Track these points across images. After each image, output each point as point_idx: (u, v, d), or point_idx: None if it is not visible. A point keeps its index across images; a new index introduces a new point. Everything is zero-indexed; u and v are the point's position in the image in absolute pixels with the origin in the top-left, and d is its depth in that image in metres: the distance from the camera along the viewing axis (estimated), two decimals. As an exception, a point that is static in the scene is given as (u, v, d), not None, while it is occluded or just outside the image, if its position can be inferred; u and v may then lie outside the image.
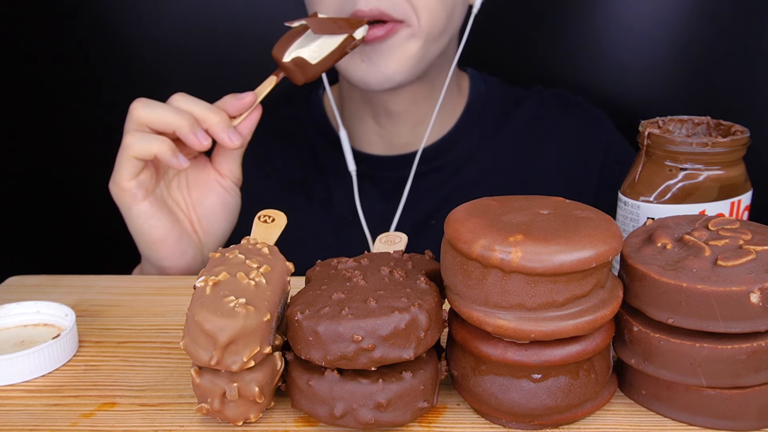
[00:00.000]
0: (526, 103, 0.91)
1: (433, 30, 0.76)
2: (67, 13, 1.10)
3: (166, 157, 0.63)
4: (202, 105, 0.65)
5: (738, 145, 0.54)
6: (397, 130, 0.86)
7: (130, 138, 0.63)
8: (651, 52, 1.01)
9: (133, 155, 0.63)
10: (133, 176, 0.64)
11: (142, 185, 0.65)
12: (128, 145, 0.63)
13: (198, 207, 0.70)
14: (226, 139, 0.65)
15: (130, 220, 0.67)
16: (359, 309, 0.42)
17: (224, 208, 0.71)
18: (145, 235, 0.67)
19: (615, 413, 0.46)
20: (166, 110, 0.64)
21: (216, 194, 0.70)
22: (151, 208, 0.66)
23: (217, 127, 0.65)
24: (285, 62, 0.68)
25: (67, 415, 0.46)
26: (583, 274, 0.41)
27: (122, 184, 0.64)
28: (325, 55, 0.69)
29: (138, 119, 0.64)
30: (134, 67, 1.12)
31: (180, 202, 0.70)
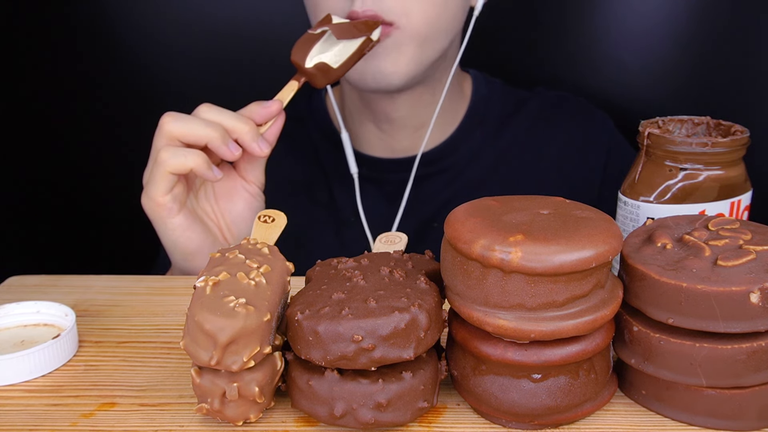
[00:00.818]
0: (528, 105, 0.91)
1: (427, 33, 0.75)
2: (67, 13, 1.10)
3: (202, 171, 0.64)
4: (230, 115, 0.65)
5: (738, 145, 0.54)
6: (398, 134, 0.86)
7: (164, 153, 0.63)
8: (651, 52, 1.01)
9: (169, 170, 0.63)
10: (168, 191, 0.64)
11: (176, 199, 0.65)
12: (164, 161, 0.63)
13: (227, 215, 0.71)
14: (257, 147, 0.66)
15: (165, 234, 0.67)
16: (359, 309, 0.42)
17: (252, 213, 0.71)
18: (180, 247, 0.67)
19: (615, 413, 0.46)
20: (196, 123, 0.64)
21: (243, 201, 0.71)
22: (186, 221, 0.66)
23: (247, 136, 0.65)
24: (307, 68, 0.69)
25: (67, 415, 0.46)
26: (583, 274, 0.41)
27: (158, 200, 0.64)
28: (345, 58, 0.70)
29: (170, 133, 0.64)
30: (134, 68, 1.12)
31: (209, 211, 0.70)
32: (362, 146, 0.88)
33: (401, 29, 0.74)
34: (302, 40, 0.69)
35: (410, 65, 0.76)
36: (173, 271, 0.73)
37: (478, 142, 0.88)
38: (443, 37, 0.78)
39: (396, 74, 0.76)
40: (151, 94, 1.12)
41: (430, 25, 0.75)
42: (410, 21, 0.74)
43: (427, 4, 0.74)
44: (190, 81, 1.11)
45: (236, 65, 1.10)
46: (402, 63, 0.76)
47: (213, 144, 0.64)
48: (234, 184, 0.71)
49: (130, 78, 1.12)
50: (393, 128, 0.86)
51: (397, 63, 0.75)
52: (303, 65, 0.69)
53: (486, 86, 0.90)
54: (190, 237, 0.67)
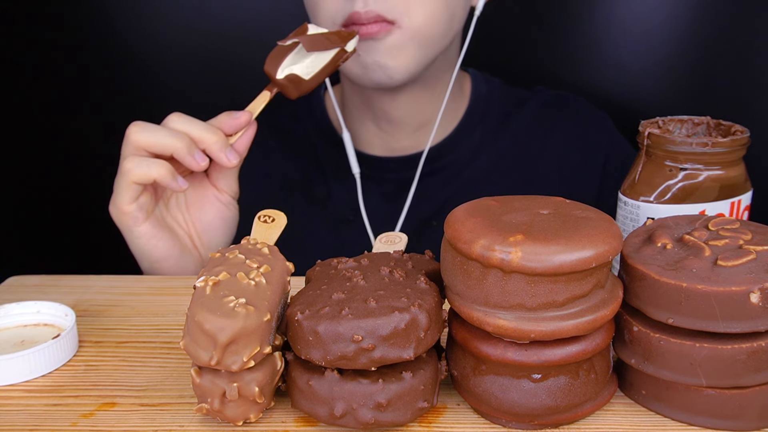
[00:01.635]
0: (528, 104, 0.91)
1: (429, 33, 0.76)
2: (66, 13, 1.10)
3: (166, 181, 0.64)
4: (198, 125, 0.65)
5: (738, 145, 0.54)
6: (399, 133, 0.86)
7: (128, 163, 0.63)
8: (651, 52, 1.01)
9: (133, 180, 0.63)
10: (133, 200, 0.65)
11: (142, 208, 0.65)
12: (127, 171, 0.63)
13: (197, 223, 0.71)
14: (224, 158, 0.66)
15: (132, 242, 0.67)
16: (359, 309, 0.42)
17: (223, 223, 0.72)
18: (146, 254, 0.68)
19: (615, 413, 0.46)
20: (163, 133, 0.64)
21: (214, 209, 0.71)
22: (152, 229, 0.67)
23: (214, 146, 0.65)
24: (278, 79, 0.68)
25: (67, 415, 0.46)
26: (583, 274, 0.41)
27: (123, 208, 0.65)
28: (318, 69, 0.70)
29: (135, 143, 0.64)
30: (134, 70, 1.12)
31: (179, 219, 0.71)
32: (362, 145, 0.88)
33: (402, 28, 0.74)
34: (275, 51, 0.69)
35: (411, 62, 0.76)
36: None
37: (478, 141, 0.88)
38: (444, 36, 0.78)
39: (397, 69, 0.76)
40: (152, 95, 1.12)
41: (431, 24, 0.75)
42: (412, 20, 0.74)
43: (428, 4, 0.74)
44: (190, 81, 1.11)
45: (236, 65, 1.10)
46: (403, 60, 0.76)
47: (178, 154, 0.64)
48: (205, 193, 0.71)
49: (130, 78, 1.12)
50: (393, 127, 0.86)
51: (398, 59, 0.76)
52: (274, 76, 0.69)
53: (485, 85, 0.90)
54: (156, 245, 0.67)
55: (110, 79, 1.13)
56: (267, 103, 0.69)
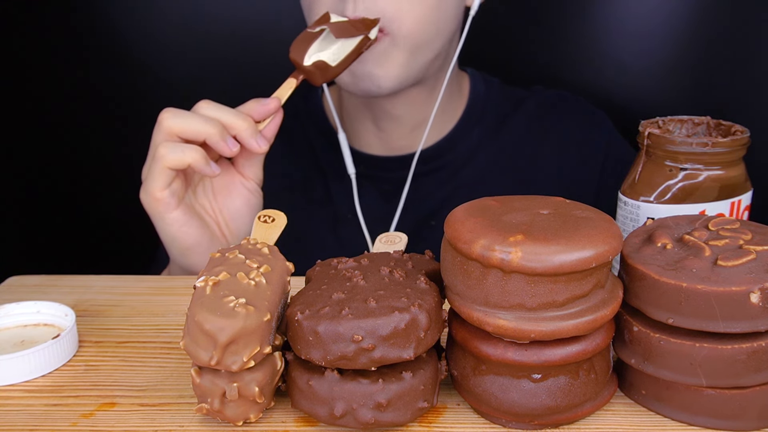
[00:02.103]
0: (526, 104, 0.91)
1: (419, 39, 0.75)
2: (67, 14, 1.10)
3: (200, 166, 0.64)
4: (229, 112, 0.66)
5: (738, 145, 0.54)
6: (396, 132, 0.86)
7: (163, 149, 0.63)
8: (651, 52, 1.01)
9: (167, 165, 0.63)
10: (166, 186, 0.64)
11: (174, 194, 0.65)
12: (162, 156, 0.63)
13: (225, 211, 0.71)
14: (255, 144, 0.66)
15: (164, 229, 0.67)
16: (359, 309, 0.42)
17: (250, 210, 0.71)
18: (178, 241, 0.67)
19: (615, 413, 0.46)
20: (195, 119, 0.64)
21: (241, 197, 0.71)
22: (184, 216, 0.66)
23: (245, 133, 0.65)
24: (305, 66, 0.69)
25: (67, 415, 0.46)
26: (583, 274, 0.41)
27: (156, 194, 0.65)
28: (344, 56, 0.70)
29: (169, 129, 0.64)
30: (134, 68, 1.12)
31: (207, 207, 0.71)
32: (360, 144, 0.88)
33: (391, 35, 0.74)
34: (300, 38, 0.70)
35: (400, 70, 0.76)
36: (171, 267, 0.74)
37: (476, 140, 0.88)
38: (437, 40, 0.78)
39: (386, 78, 0.76)
40: (152, 94, 1.12)
41: (422, 30, 0.75)
42: (401, 27, 0.74)
43: (419, 8, 0.74)
44: (190, 80, 1.11)
45: (236, 64, 1.10)
46: (392, 68, 0.76)
47: (211, 140, 0.64)
48: (232, 180, 0.71)
49: (130, 78, 1.12)
50: (391, 127, 0.86)
51: (387, 68, 0.75)
52: (301, 63, 0.69)
53: (484, 85, 0.90)
54: (187, 232, 0.67)
55: (111, 79, 1.13)
56: (294, 89, 0.70)
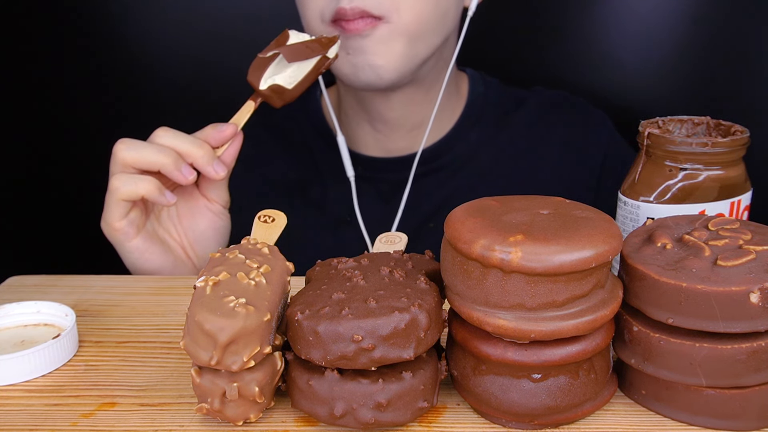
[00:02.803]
0: (526, 104, 0.91)
1: (417, 28, 0.75)
2: (68, 14, 1.10)
3: (154, 197, 0.65)
4: (185, 139, 0.66)
5: (738, 145, 0.54)
6: (394, 134, 0.86)
7: (116, 181, 0.64)
8: (651, 52, 1.01)
9: (121, 197, 0.65)
10: (123, 216, 0.66)
11: (132, 223, 0.67)
12: (116, 189, 0.64)
13: (190, 233, 0.72)
14: (212, 171, 0.66)
15: (125, 256, 0.69)
16: (359, 309, 0.42)
17: (215, 232, 0.72)
18: (140, 268, 0.69)
19: (615, 413, 0.46)
20: (149, 150, 0.65)
21: (206, 219, 0.72)
22: (144, 243, 0.68)
23: (201, 160, 0.66)
24: (262, 90, 0.69)
25: (67, 415, 0.46)
26: (583, 274, 0.41)
27: (113, 225, 0.66)
28: (300, 78, 0.70)
29: (123, 161, 0.65)
30: (135, 69, 1.12)
31: (171, 231, 0.71)
32: (358, 146, 0.88)
33: (390, 23, 0.74)
34: (255, 62, 0.70)
35: (399, 60, 0.76)
36: None
37: (475, 141, 0.88)
38: (434, 35, 0.78)
39: (386, 68, 0.75)
40: (152, 94, 1.12)
41: (419, 21, 0.75)
42: (400, 16, 0.74)
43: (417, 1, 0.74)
44: (191, 81, 1.11)
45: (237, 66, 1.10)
46: (392, 57, 0.75)
47: (165, 170, 0.65)
48: (196, 204, 0.71)
49: (131, 78, 1.12)
50: (388, 128, 0.86)
51: (387, 57, 0.75)
52: (257, 87, 0.69)
53: (483, 85, 0.90)
54: (148, 259, 0.68)
55: (111, 79, 1.13)
56: (252, 113, 0.70)
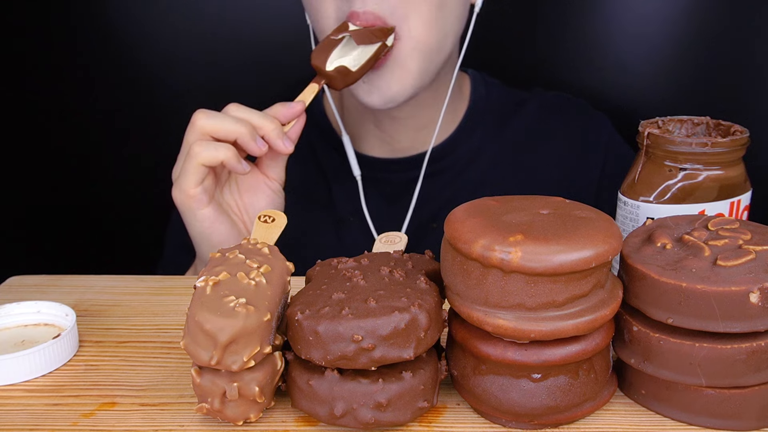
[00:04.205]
0: (527, 106, 0.91)
1: (430, 43, 0.75)
2: (68, 14, 1.10)
3: (232, 163, 0.66)
4: (257, 114, 0.68)
5: (737, 145, 0.54)
6: (399, 134, 0.86)
7: (197, 147, 0.65)
8: (651, 52, 1.01)
9: (201, 162, 0.65)
10: (199, 183, 0.66)
11: (206, 191, 0.67)
12: (197, 153, 0.65)
13: (250, 209, 0.73)
14: (281, 145, 0.68)
15: (195, 226, 0.69)
16: (359, 309, 0.42)
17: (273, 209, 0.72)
18: (208, 238, 0.69)
19: (615, 413, 0.46)
20: (227, 119, 0.66)
21: (265, 196, 0.73)
22: (214, 213, 0.68)
23: (272, 134, 0.68)
24: (328, 71, 0.71)
25: (67, 415, 0.46)
26: (583, 274, 0.41)
27: (189, 191, 0.66)
28: (363, 62, 0.72)
29: (202, 128, 0.66)
30: (137, 71, 1.12)
31: (233, 205, 0.72)
32: (362, 147, 0.88)
33: (401, 40, 0.73)
34: (322, 45, 0.72)
35: (415, 80, 0.76)
36: (198, 264, 0.76)
37: (478, 142, 0.88)
38: (446, 41, 0.77)
39: (402, 93, 0.76)
40: (153, 96, 1.12)
41: (430, 32, 0.74)
42: (411, 29, 0.73)
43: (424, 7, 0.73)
44: (191, 83, 1.11)
45: (238, 67, 1.10)
46: (408, 79, 0.76)
47: (242, 139, 0.66)
48: (257, 181, 0.73)
49: (132, 80, 1.12)
50: (394, 129, 0.86)
51: (402, 80, 0.75)
52: (324, 68, 0.72)
53: (484, 87, 0.90)
54: (218, 228, 0.69)
55: (112, 80, 1.13)
56: (315, 94, 0.72)
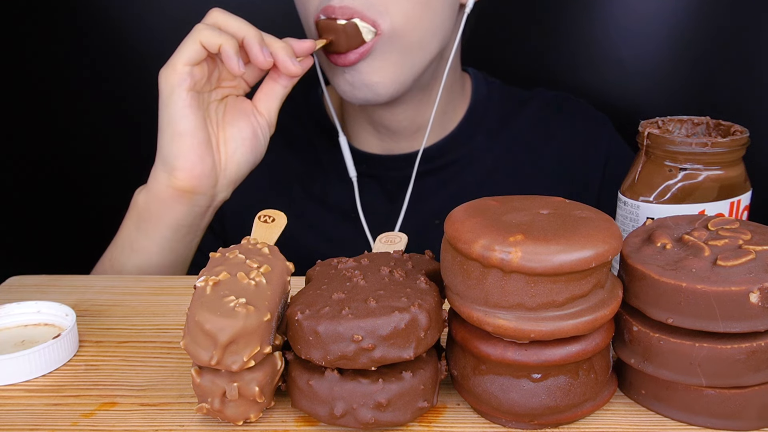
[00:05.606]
0: (529, 105, 0.91)
1: (412, 37, 0.74)
2: (68, 11, 1.10)
3: (229, 53, 0.65)
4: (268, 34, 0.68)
5: (737, 145, 0.54)
6: (397, 136, 0.86)
7: (200, 27, 0.65)
8: (651, 52, 1.01)
9: (200, 40, 0.65)
10: (190, 62, 0.65)
11: (193, 75, 0.66)
12: (198, 31, 0.65)
13: (228, 128, 0.71)
14: (289, 64, 0.67)
15: (167, 107, 0.67)
16: (359, 309, 0.42)
17: (252, 140, 0.71)
18: (174, 123, 0.67)
19: (615, 413, 0.46)
20: (241, 20, 0.66)
21: (247, 124, 0.71)
22: (191, 100, 0.67)
23: (281, 51, 0.67)
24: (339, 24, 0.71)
25: (67, 415, 0.46)
26: (583, 274, 0.41)
27: (177, 66, 0.66)
28: None
29: (213, 19, 0.66)
30: (135, 70, 1.12)
31: (213, 119, 0.71)
32: (361, 144, 0.88)
33: (382, 34, 0.72)
34: None
35: (396, 73, 0.75)
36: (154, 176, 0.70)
37: (478, 140, 0.88)
38: (432, 41, 0.76)
39: (383, 84, 0.75)
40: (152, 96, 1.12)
41: (412, 27, 0.73)
42: (392, 22, 0.72)
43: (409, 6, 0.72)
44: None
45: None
46: (388, 72, 0.74)
47: (250, 41, 0.66)
48: (244, 107, 0.72)
49: (131, 79, 1.12)
50: (392, 131, 0.86)
51: (382, 73, 0.74)
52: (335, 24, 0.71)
53: (485, 86, 0.90)
54: (187, 116, 0.67)
55: (113, 80, 1.13)
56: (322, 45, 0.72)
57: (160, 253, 0.71)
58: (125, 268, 0.72)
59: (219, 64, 0.70)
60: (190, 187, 0.68)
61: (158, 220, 0.70)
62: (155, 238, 0.70)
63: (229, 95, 0.71)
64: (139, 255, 0.71)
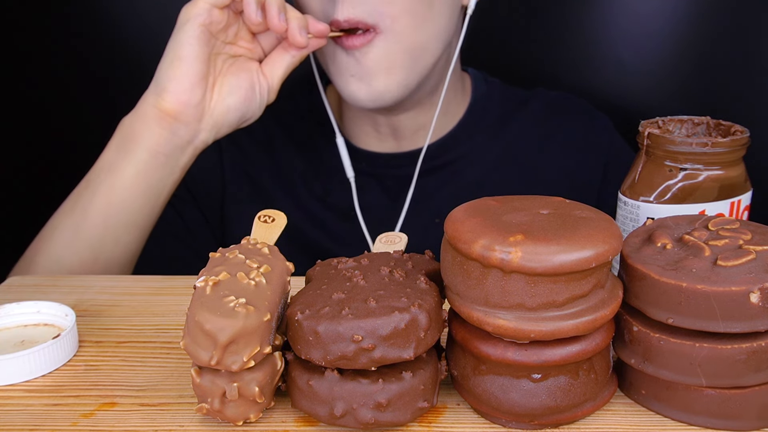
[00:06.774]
0: (529, 105, 0.91)
1: (415, 39, 0.74)
2: (67, 12, 1.10)
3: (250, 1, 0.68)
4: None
5: (738, 145, 0.54)
6: (398, 135, 0.86)
7: None
8: (651, 52, 1.01)
9: None
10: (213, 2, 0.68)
11: (211, 14, 0.68)
12: None
13: (228, 77, 0.73)
14: (297, 32, 0.69)
15: (177, 33, 0.70)
16: (359, 309, 0.42)
17: (247, 91, 0.73)
18: (177, 48, 0.69)
19: (615, 413, 0.46)
20: None
21: (248, 77, 0.73)
22: (201, 34, 0.69)
23: (295, 20, 0.69)
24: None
25: (67, 415, 0.46)
26: (583, 274, 0.41)
27: (199, 2, 0.68)
28: None
29: None
30: (135, 69, 1.12)
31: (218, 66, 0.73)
32: (361, 143, 0.88)
33: (384, 33, 0.72)
34: None
35: (402, 79, 0.75)
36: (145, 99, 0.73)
37: (478, 140, 0.88)
38: (435, 43, 0.77)
39: (388, 92, 0.75)
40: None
41: (415, 26, 0.73)
42: (394, 23, 0.72)
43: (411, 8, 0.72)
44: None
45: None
46: (393, 79, 0.75)
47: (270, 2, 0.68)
48: (249, 65, 0.73)
49: (130, 78, 1.12)
50: (392, 132, 0.86)
51: (388, 80, 0.75)
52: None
53: (485, 85, 0.90)
54: (192, 44, 0.69)
55: (112, 79, 1.13)
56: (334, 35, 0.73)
57: (134, 177, 0.71)
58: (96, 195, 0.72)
59: (240, 22, 0.72)
60: (174, 112, 0.70)
61: (139, 141, 0.71)
62: (132, 160, 0.71)
63: (242, 56, 0.73)
64: (113, 177, 0.71)
